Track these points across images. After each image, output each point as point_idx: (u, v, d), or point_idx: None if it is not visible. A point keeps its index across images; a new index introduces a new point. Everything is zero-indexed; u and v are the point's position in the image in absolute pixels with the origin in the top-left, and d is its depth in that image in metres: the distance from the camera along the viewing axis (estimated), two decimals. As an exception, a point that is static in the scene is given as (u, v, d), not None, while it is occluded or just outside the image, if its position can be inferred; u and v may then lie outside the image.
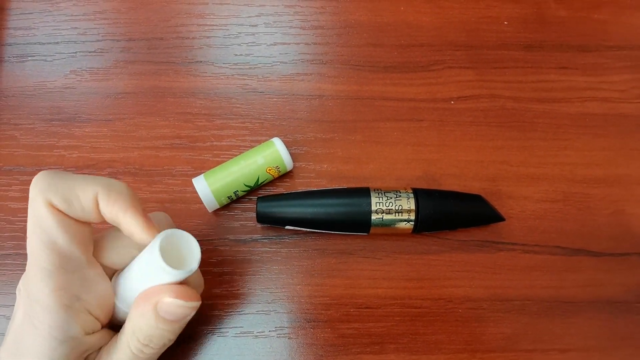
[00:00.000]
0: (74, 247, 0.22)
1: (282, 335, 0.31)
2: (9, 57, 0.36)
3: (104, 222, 0.23)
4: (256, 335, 0.31)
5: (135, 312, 0.23)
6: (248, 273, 0.32)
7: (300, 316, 0.31)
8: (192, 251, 0.23)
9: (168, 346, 0.24)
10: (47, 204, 0.22)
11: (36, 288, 0.22)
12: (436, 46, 0.37)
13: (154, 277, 0.22)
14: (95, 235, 0.24)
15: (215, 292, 0.31)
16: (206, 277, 0.31)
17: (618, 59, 0.37)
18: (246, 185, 0.31)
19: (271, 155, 0.31)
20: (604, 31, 0.38)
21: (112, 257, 0.24)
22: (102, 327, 0.24)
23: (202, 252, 0.26)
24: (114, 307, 0.24)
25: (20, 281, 0.23)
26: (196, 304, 0.23)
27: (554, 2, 0.39)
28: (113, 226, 0.24)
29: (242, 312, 0.31)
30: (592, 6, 0.39)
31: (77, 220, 0.23)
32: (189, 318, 0.24)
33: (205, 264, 0.32)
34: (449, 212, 0.31)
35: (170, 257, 0.22)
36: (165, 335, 0.23)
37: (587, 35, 0.38)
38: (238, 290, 0.32)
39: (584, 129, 0.36)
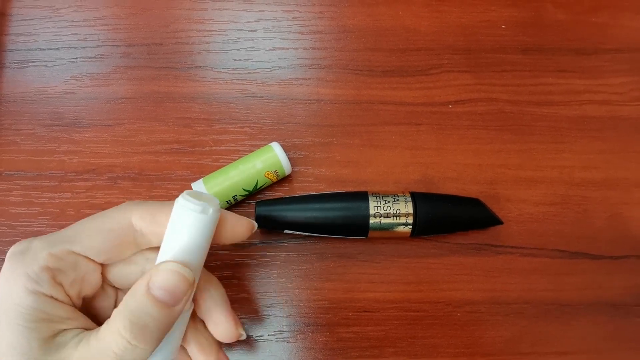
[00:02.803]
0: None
1: (281, 339, 0.31)
2: (10, 62, 0.36)
3: None
4: (255, 339, 0.31)
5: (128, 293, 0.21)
6: (247, 277, 0.32)
7: (299, 320, 0.31)
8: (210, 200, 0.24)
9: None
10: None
11: None
12: (434, 50, 0.37)
13: (184, 233, 0.22)
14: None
15: (215, 296, 0.32)
16: (205, 282, 0.32)
17: (616, 62, 0.37)
18: (245, 190, 0.32)
19: (270, 159, 0.32)
20: (602, 34, 0.38)
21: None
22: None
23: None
24: None
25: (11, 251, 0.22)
26: (192, 276, 0.22)
27: (552, 5, 0.39)
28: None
29: (241, 316, 0.31)
30: (590, 9, 0.39)
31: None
32: (182, 306, 0.21)
33: (203, 269, 0.32)
34: (447, 216, 0.31)
35: None
36: (154, 324, 0.20)
37: (585, 39, 0.38)
38: (237, 294, 0.32)
39: (582, 132, 0.36)
